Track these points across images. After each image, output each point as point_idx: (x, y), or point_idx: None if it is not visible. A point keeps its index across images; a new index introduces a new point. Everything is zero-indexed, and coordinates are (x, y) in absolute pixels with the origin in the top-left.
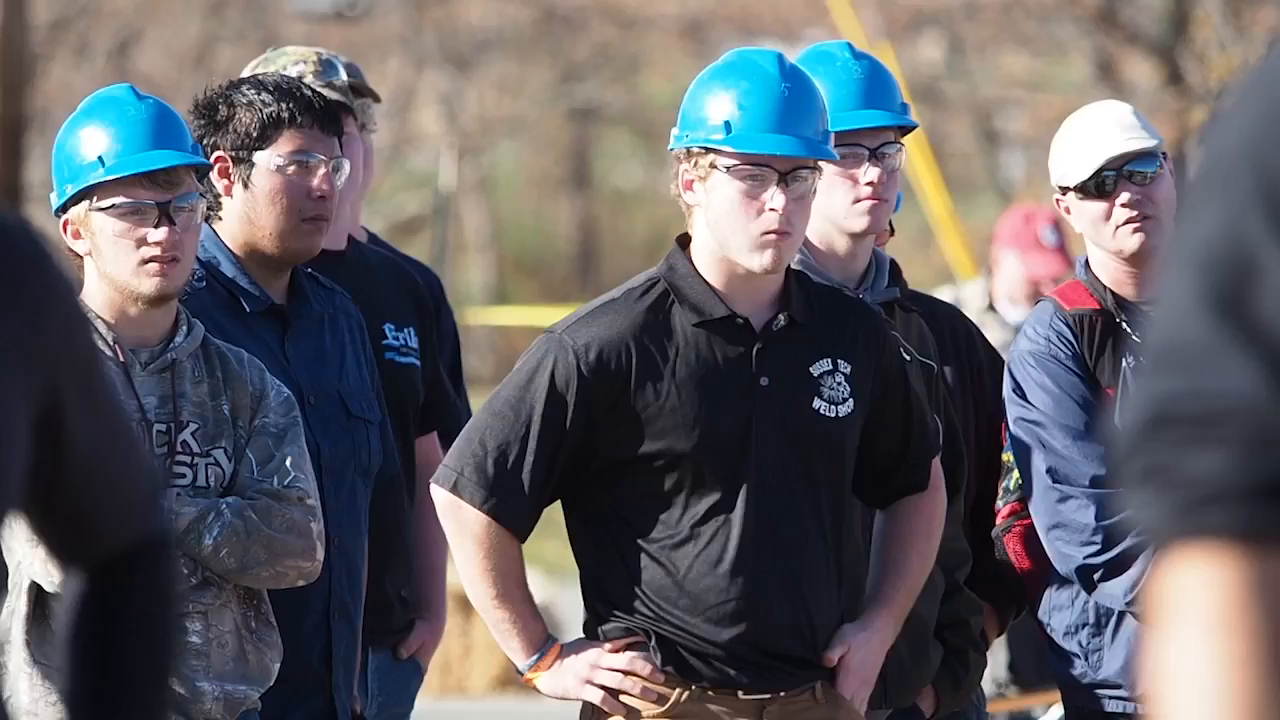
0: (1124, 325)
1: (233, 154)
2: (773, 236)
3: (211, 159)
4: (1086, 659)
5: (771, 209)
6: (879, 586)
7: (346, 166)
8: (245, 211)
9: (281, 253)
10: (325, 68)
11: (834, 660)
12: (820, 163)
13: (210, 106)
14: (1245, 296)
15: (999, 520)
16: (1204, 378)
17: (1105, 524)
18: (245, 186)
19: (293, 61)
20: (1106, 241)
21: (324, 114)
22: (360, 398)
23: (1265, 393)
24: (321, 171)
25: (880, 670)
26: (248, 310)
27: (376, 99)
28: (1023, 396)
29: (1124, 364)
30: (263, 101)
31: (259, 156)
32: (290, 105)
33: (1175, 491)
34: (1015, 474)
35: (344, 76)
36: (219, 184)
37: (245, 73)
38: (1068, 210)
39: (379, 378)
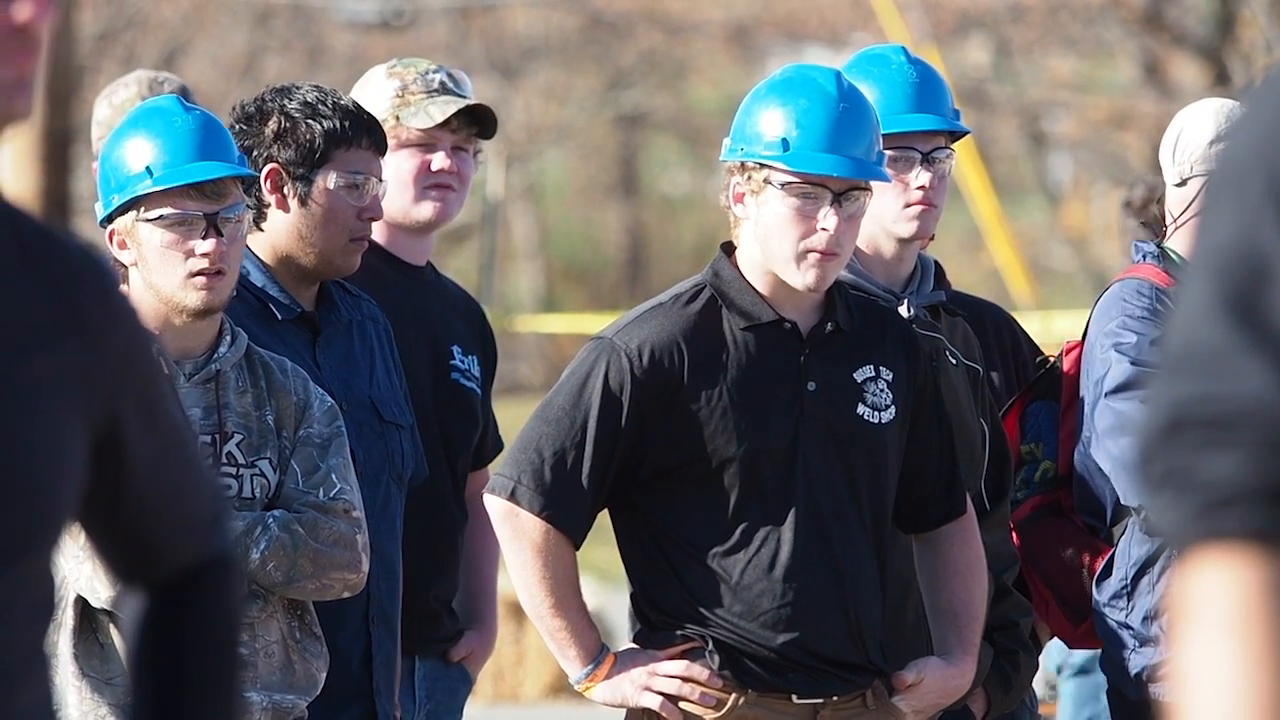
0: None
1: (289, 168)
2: (818, 256)
3: (264, 170)
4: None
5: (823, 229)
6: (960, 630)
7: (385, 186)
8: (297, 226)
9: (323, 269)
10: (460, 80)
11: (906, 682)
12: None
13: (262, 115)
14: (1259, 300)
15: (1026, 511)
16: (1218, 381)
17: None
18: (303, 203)
19: (432, 67)
20: None
21: (378, 134)
22: (391, 403)
23: (1279, 395)
24: (373, 193)
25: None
26: (279, 318)
27: None
28: (1135, 353)
29: None
30: (323, 118)
31: (318, 174)
32: (350, 124)
33: (1192, 494)
34: (1043, 465)
35: (469, 90)
36: (269, 196)
37: (385, 71)
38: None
39: (406, 385)
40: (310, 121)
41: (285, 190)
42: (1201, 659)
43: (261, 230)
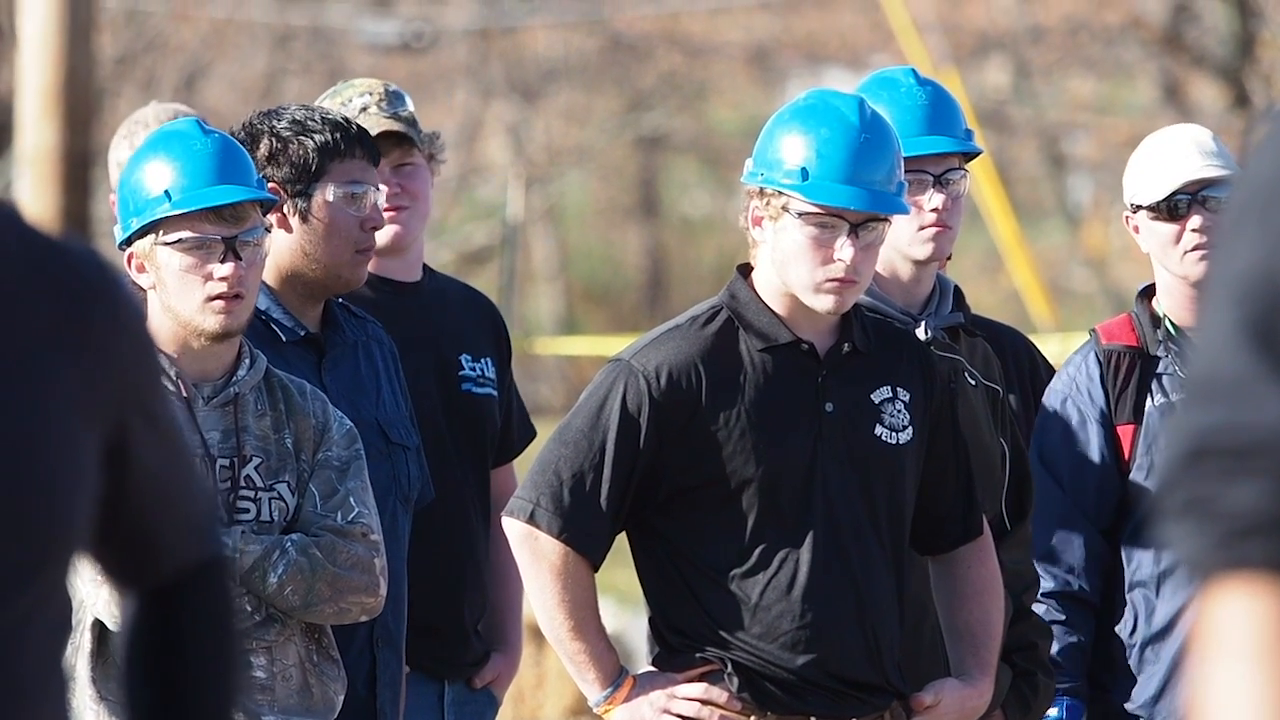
0: (1160, 363)
1: (287, 186)
2: (836, 284)
3: None
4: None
5: (840, 259)
6: (977, 650)
7: (382, 198)
8: (300, 244)
9: (331, 284)
10: (391, 98)
11: (924, 703)
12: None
13: (252, 139)
14: None
15: None
16: (1241, 410)
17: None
18: (304, 220)
19: (359, 93)
20: (1173, 265)
21: (369, 144)
22: (398, 424)
23: None
24: (371, 202)
25: None
26: (283, 340)
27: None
28: (1043, 429)
29: (1148, 403)
30: (314, 132)
31: (316, 188)
32: (341, 136)
33: (1214, 524)
34: None
35: (410, 107)
36: (269, 217)
37: (317, 104)
38: (1136, 229)
39: (412, 405)
40: (301, 138)
41: (285, 209)
42: (1223, 688)
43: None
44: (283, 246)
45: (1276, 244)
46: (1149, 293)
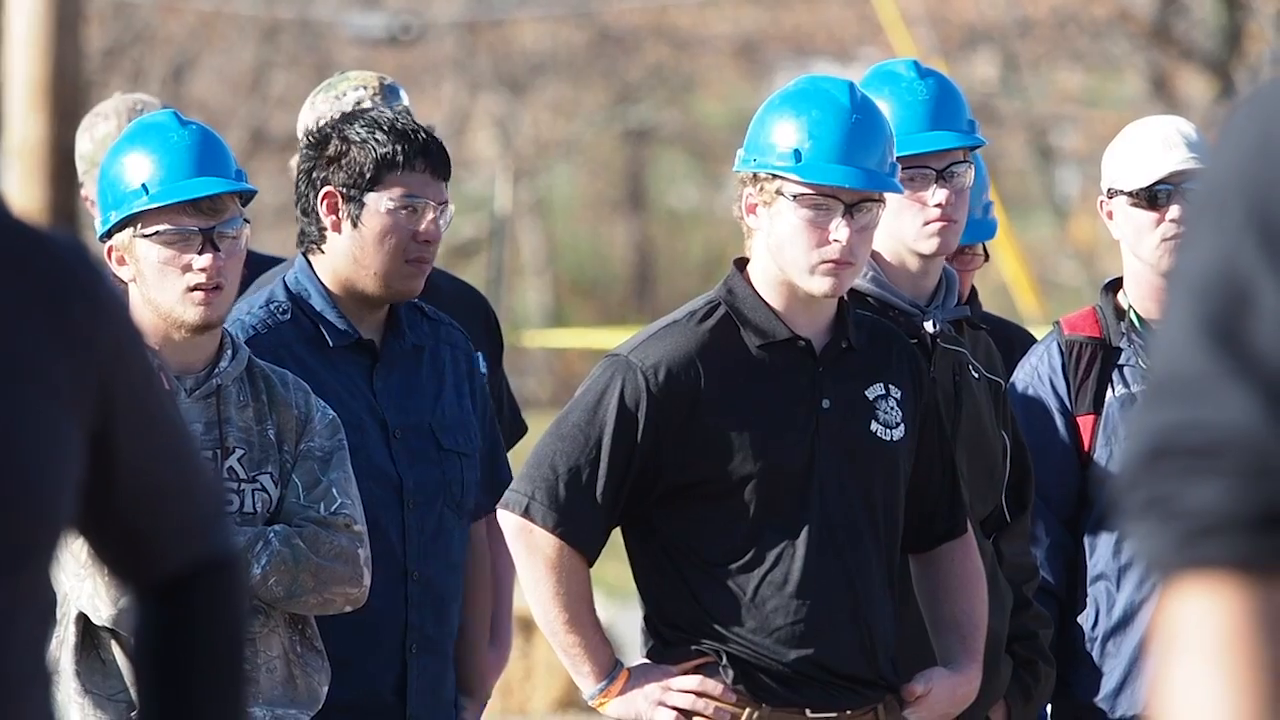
0: (1121, 354)
1: (343, 191)
2: (831, 265)
3: (320, 194)
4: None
5: (835, 240)
6: (965, 640)
7: (451, 211)
8: (351, 250)
9: (382, 293)
10: (386, 93)
11: (915, 693)
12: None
13: (322, 140)
14: (1240, 326)
15: None
16: (1201, 408)
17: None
18: (355, 225)
19: (353, 86)
20: (1147, 253)
21: (437, 158)
22: (456, 430)
23: (1262, 422)
24: (430, 216)
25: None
26: (331, 344)
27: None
28: (1020, 419)
29: (1108, 394)
30: (378, 141)
31: (370, 197)
32: (405, 147)
33: (1176, 522)
34: None
35: (404, 101)
36: (326, 219)
37: (310, 99)
38: (1110, 214)
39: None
40: (365, 145)
41: (340, 213)
42: (1184, 687)
43: (322, 253)
44: (336, 250)
45: (1232, 242)
46: (1115, 286)
